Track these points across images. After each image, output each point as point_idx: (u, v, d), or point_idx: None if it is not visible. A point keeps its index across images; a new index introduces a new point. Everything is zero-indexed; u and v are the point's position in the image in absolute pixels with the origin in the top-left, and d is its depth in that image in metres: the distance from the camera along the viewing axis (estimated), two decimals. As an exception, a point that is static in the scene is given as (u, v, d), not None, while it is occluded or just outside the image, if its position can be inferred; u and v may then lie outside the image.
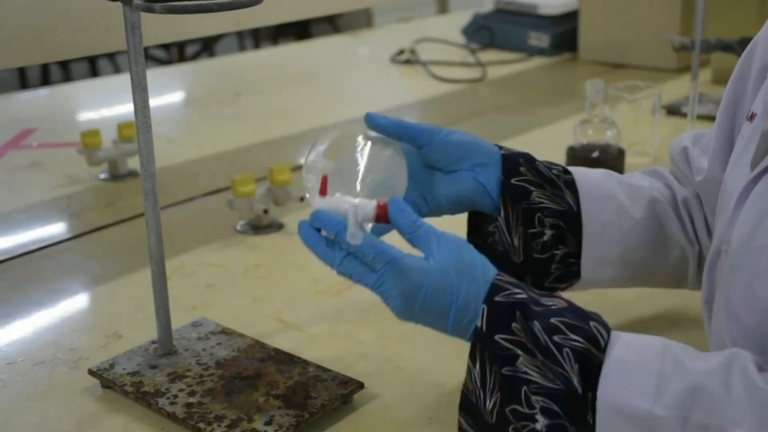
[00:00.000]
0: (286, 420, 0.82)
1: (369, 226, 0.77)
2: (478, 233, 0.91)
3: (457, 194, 0.87)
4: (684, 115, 1.75)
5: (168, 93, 2.23)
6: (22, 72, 4.61)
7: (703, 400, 0.63)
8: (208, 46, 5.00)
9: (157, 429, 0.85)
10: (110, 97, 2.13)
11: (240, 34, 5.24)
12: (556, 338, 0.68)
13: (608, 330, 0.69)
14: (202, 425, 0.81)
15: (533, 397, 0.67)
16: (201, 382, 0.88)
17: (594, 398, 0.66)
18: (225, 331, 0.98)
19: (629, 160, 1.46)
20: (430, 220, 0.79)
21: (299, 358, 0.92)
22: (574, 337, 0.68)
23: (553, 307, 0.70)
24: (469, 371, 0.70)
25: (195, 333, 0.98)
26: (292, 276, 1.18)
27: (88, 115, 2.09)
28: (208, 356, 0.93)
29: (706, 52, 1.68)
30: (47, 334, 1.04)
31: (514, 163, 0.88)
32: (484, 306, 0.70)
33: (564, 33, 2.41)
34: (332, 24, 5.25)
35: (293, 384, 0.88)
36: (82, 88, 2.47)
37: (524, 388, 0.67)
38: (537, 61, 2.39)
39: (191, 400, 0.85)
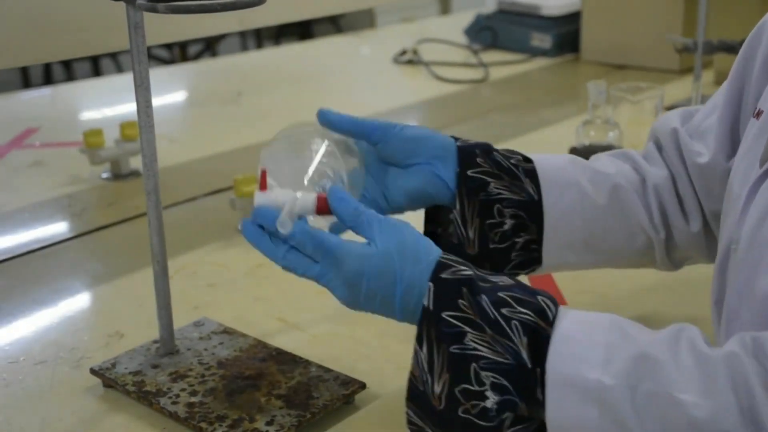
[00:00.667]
0: (287, 420, 0.82)
1: (311, 219, 0.76)
2: (436, 223, 0.91)
3: (415, 189, 0.87)
4: (686, 116, 1.75)
5: (170, 93, 2.23)
6: (24, 71, 4.61)
7: (651, 368, 0.63)
8: (210, 46, 5.00)
9: (159, 428, 0.85)
10: (113, 96, 2.13)
11: (242, 34, 5.24)
12: (504, 311, 0.67)
13: (556, 304, 0.69)
14: (203, 425, 0.82)
15: (483, 374, 0.66)
16: (203, 381, 0.88)
17: (543, 373, 0.65)
18: (227, 331, 0.98)
19: (631, 161, 1.45)
20: None
21: (301, 358, 0.92)
22: (522, 310, 0.67)
23: (501, 283, 0.70)
24: (416, 356, 0.69)
25: (197, 333, 0.98)
26: (294, 276, 1.17)
27: (90, 115, 2.09)
28: (209, 356, 0.93)
29: (709, 54, 1.68)
30: (49, 334, 1.05)
31: (470, 154, 0.87)
32: (431, 284, 0.70)
33: (566, 34, 2.41)
34: (335, 24, 5.25)
35: (295, 384, 0.88)
36: (84, 87, 2.47)
37: (473, 365, 0.67)
38: (539, 62, 2.39)
39: (193, 399, 0.85)
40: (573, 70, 2.33)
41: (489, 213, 0.86)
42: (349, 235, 0.77)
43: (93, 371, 0.91)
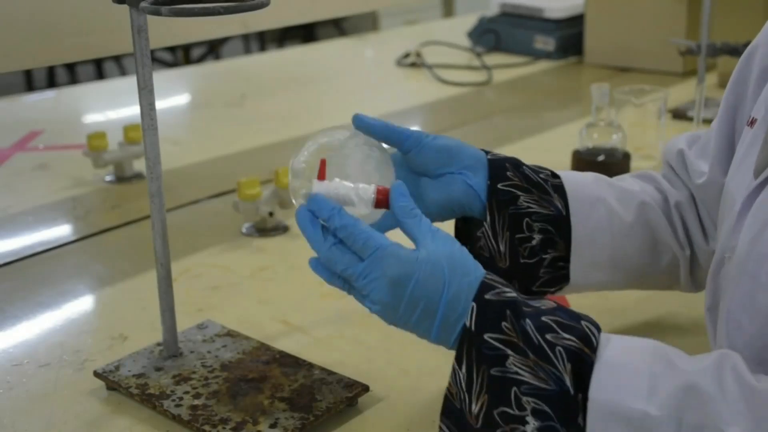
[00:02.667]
0: (291, 423, 0.82)
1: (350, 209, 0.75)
2: (466, 238, 0.91)
3: (446, 198, 0.86)
4: (690, 118, 1.75)
5: (174, 95, 2.23)
6: (28, 74, 4.63)
7: (697, 399, 0.62)
8: (213, 49, 5.01)
9: (162, 431, 0.85)
10: (116, 99, 2.13)
11: (246, 37, 5.25)
12: (548, 337, 0.66)
13: (599, 330, 0.68)
14: (207, 427, 0.82)
15: (524, 398, 0.66)
16: (206, 384, 0.89)
17: (585, 399, 0.64)
18: (230, 334, 0.98)
19: (635, 163, 1.45)
20: None
21: (304, 360, 0.93)
22: (566, 336, 0.66)
23: (543, 307, 0.69)
24: (455, 374, 0.69)
25: (200, 335, 0.98)
26: (297, 278, 1.18)
27: (94, 118, 2.09)
28: (213, 358, 0.93)
29: (712, 56, 1.68)
30: (53, 336, 1.05)
31: (500, 167, 0.87)
32: (474, 304, 0.69)
33: (570, 36, 2.41)
34: (338, 27, 5.26)
35: (298, 387, 0.88)
36: (88, 90, 2.48)
37: (514, 389, 0.66)
38: (543, 65, 2.39)
39: (196, 402, 0.86)
40: (576, 72, 2.33)
41: (518, 227, 0.86)
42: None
43: (96, 374, 0.92)
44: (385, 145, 0.84)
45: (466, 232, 0.91)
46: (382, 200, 0.74)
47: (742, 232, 0.73)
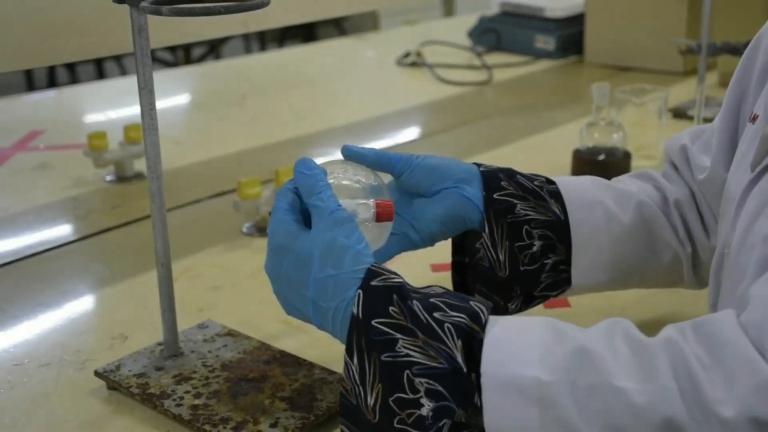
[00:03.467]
0: (291, 422, 0.82)
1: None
2: (463, 252, 0.91)
3: (446, 213, 0.87)
4: (690, 118, 1.75)
5: (174, 95, 2.23)
6: (28, 74, 4.63)
7: (588, 360, 0.62)
8: (214, 49, 5.01)
9: (163, 431, 0.85)
10: (117, 99, 2.13)
11: (246, 37, 5.25)
12: (436, 315, 0.66)
13: (488, 309, 0.68)
14: (207, 427, 0.82)
15: (417, 380, 0.65)
16: (207, 384, 0.89)
17: (479, 377, 0.64)
18: (231, 333, 0.98)
19: (635, 163, 1.45)
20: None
21: (305, 360, 0.93)
22: (455, 314, 0.66)
23: (432, 292, 0.70)
24: (347, 368, 0.68)
25: (201, 335, 0.98)
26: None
27: (94, 117, 2.09)
28: (214, 358, 0.93)
29: (713, 55, 1.68)
30: (54, 336, 1.05)
31: (494, 178, 0.88)
32: (360, 291, 0.69)
33: (570, 36, 2.41)
34: (338, 27, 5.26)
35: (299, 386, 0.88)
36: (88, 90, 2.48)
37: (407, 371, 0.65)
38: (543, 64, 2.39)
39: (197, 401, 0.86)
40: (577, 72, 2.33)
41: (518, 235, 0.86)
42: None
43: (97, 373, 0.92)
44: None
45: (462, 248, 0.91)
46: (383, 213, 0.78)
47: (738, 226, 0.73)
